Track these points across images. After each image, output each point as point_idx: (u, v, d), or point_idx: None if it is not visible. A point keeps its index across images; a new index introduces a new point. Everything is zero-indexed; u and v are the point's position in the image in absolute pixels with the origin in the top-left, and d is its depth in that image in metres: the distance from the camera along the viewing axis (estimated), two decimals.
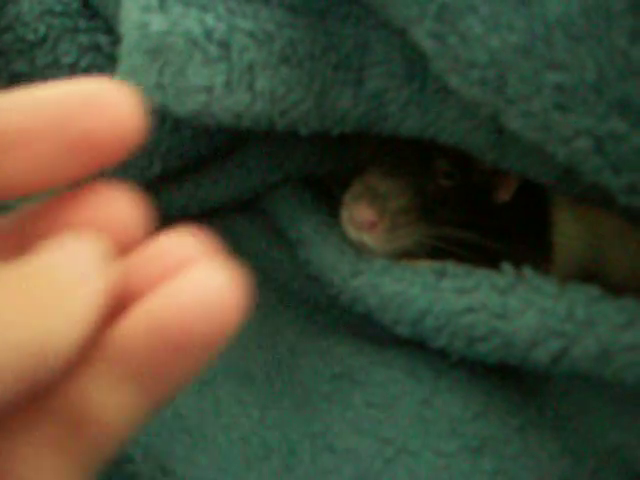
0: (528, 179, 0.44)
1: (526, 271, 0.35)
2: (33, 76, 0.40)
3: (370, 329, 0.43)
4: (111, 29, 0.40)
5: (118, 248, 0.21)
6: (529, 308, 0.33)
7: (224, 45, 0.33)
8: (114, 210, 0.21)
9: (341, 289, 0.40)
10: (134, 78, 0.34)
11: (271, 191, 0.48)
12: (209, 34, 0.33)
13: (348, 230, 0.41)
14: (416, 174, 0.42)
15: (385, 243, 0.39)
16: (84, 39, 0.40)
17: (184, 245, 0.21)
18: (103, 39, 0.40)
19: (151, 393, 0.19)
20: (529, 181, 0.44)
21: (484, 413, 0.36)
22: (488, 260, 0.39)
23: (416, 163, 0.42)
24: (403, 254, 0.41)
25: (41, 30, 0.39)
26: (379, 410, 0.37)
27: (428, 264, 0.38)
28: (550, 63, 0.30)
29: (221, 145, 0.46)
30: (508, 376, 0.38)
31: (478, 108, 0.35)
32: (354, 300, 0.39)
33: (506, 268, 0.35)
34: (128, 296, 0.20)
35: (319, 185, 0.49)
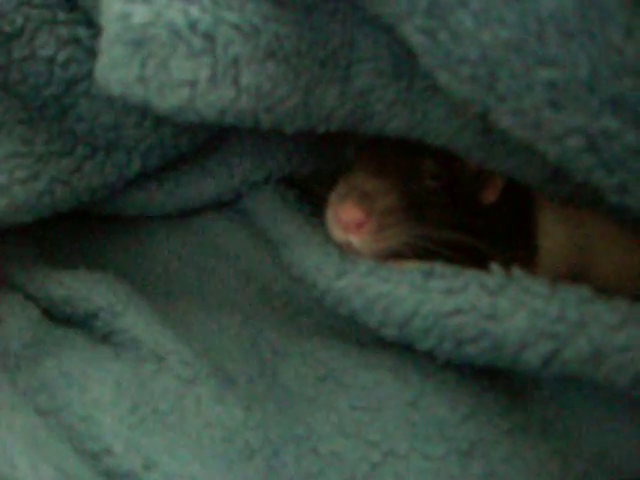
0: (514, 180, 0.44)
1: (515, 272, 0.34)
2: (9, 69, 0.39)
3: (354, 331, 0.42)
4: (91, 22, 0.39)
5: None
6: (519, 309, 0.32)
7: (209, 37, 0.32)
8: None
9: (325, 291, 0.39)
10: (114, 72, 0.32)
11: (252, 190, 0.47)
12: (193, 26, 0.32)
13: (333, 231, 0.40)
14: (403, 175, 0.41)
15: (372, 244, 0.39)
16: (63, 31, 0.39)
17: None
18: (83, 32, 0.39)
19: None
20: (515, 183, 0.44)
21: (472, 416, 0.35)
22: (475, 261, 0.39)
23: (403, 164, 0.42)
24: (389, 255, 0.40)
25: (18, 21, 0.38)
26: (364, 413, 0.37)
27: (415, 265, 0.37)
28: (542, 59, 0.29)
29: (202, 143, 0.45)
30: (496, 378, 0.37)
31: (467, 107, 0.35)
32: (339, 302, 0.38)
33: (495, 268, 0.35)
34: None
35: (301, 185, 0.48)
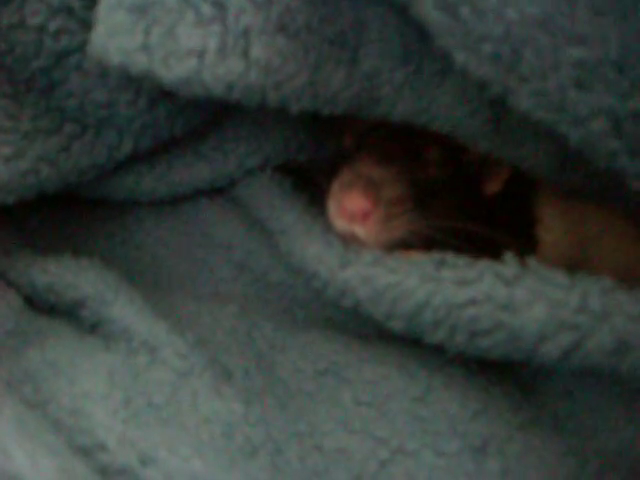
0: (517, 172, 0.43)
1: (531, 261, 0.33)
2: None
3: (354, 324, 0.41)
4: None
5: None
6: (538, 300, 0.31)
7: (219, 5, 0.30)
8: None
9: (328, 281, 0.37)
10: (114, 40, 0.30)
11: (247, 177, 0.45)
12: None
13: (336, 221, 0.38)
14: (408, 163, 0.40)
15: (378, 234, 0.37)
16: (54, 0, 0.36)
17: None
18: (76, 1, 0.36)
19: None
20: (518, 175, 0.43)
21: (483, 411, 0.34)
22: (481, 252, 0.38)
23: (407, 152, 0.40)
24: (394, 245, 0.38)
25: None
26: (370, 408, 0.35)
27: (424, 255, 0.35)
28: (571, 37, 0.28)
29: (197, 126, 0.43)
30: (504, 372, 0.36)
31: (483, 88, 0.33)
32: (342, 293, 0.37)
33: (509, 258, 0.33)
34: None
35: (298, 173, 0.46)
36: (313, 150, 0.45)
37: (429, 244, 0.39)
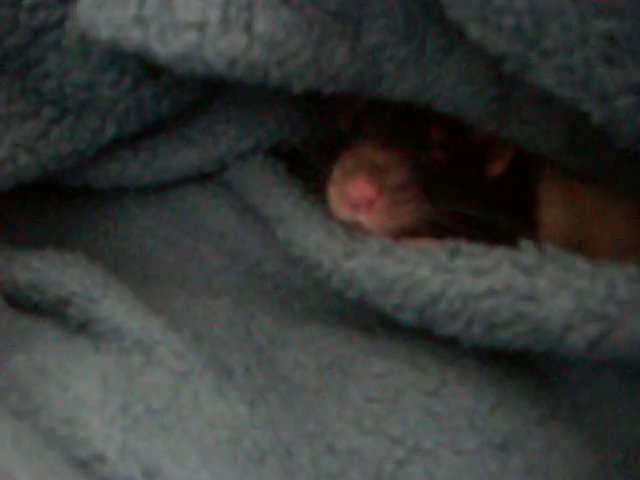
0: (520, 153, 0.41)
1: (549, 249, 0.31)
2: None
3: (357, 314, 0.39)
4: None
5: None
6: (561, 289, 0.29)
7: None
8: None
9: (331, 272, 0.35)
10: (104, 11, 0.28)
11: (238, 161, 0.42)
12: None
13: (339, 209, 0.36)
14: (411, 145, 0.38)
15: (383, 223, 0.35)
16: None
17: None
18: None
19: None
20: (519, 156, 0.42)
21: (500, 405, 0.32)
22: (485, 238, 0.36)
23: (410, 133, 0.38)
24: (400, 233, 0.36)
25: None
26: (381, 405, 0.33)
27: (436, 243, 0.34)
28: (601, 9, 0.26)
29: (184, 107, 0.40)
30: (517, 362, 0.35)
31: (492, 65, 0.32)
32: (348, 284, 0.35)
33: (527, 245, 0.32)
34: None
35: (290, 156, 0.44)
36: (307, 131, 0.43)
37: (436, 230, 0.37)
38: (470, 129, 0.39)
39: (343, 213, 0.36)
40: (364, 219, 0.35)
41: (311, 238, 0.36)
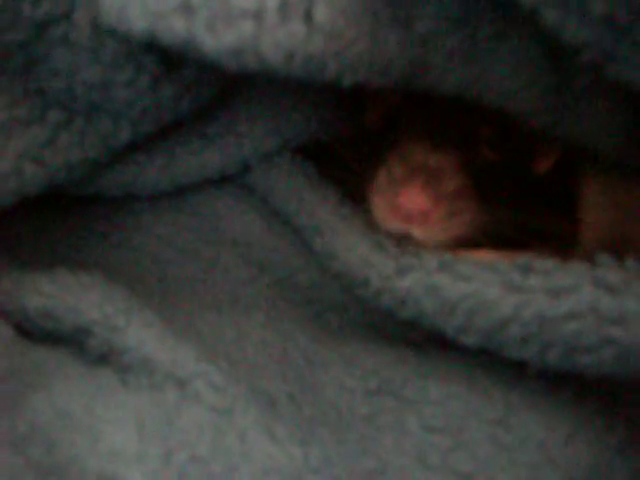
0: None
1: (629, 263, 0.28)
2: None
3: (401, 331, 0.35)
4: None
5: None
6: None
7: None
8: None
9: (381, 290, 0.32)
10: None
11: (262, 162, 0.38)
12: None
13: (386, 219, 0.33)
14: (460, 145, 0.34)
15: (438, 234, 0.32)
16: None
17: None
18: None
19: None
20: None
21: (576, 433, 0.30)
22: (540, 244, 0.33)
23: (458, 131, 0.35)
24: (453, 245, 0.33)
25: None
26: (445, 436, 0.30)
27: (500, 256, 0.30)
28: None
29: (204, 104, 0.36)
30: (589, 384, 0.32)
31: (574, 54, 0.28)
32: (401, 304, 0.31)
33: (607, 260, 0.28)
34: None
35: (317, 155, 0.40)
36: (336, 128, 0.39)
37: (488, 238, 0.34)
38: (518, 125, 0.36)
39: (392, 224, 0.32)
40: (418, 231, 0.32)
41: (355, 251, 0.33)
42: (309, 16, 0.25)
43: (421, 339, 0.34)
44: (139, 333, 0.31)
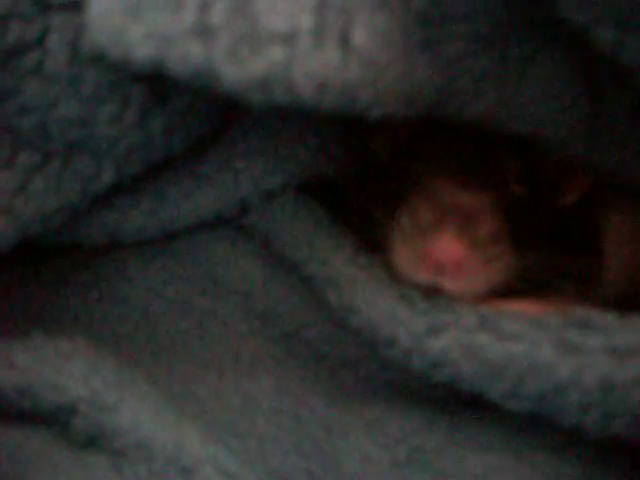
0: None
1: None
2: None
3: (422, 388, 0.31)
4: None
5: None
6: None
7: None
8: None
9: (411, 350, 0.28)
10: (139, 20, 0.19)
11: (262, 203, 0.34)
12: None
13: (412, 271, 0.29)
14: (490, 183, 0.31)
15: (473, 285, 0.28)
16: None
17: None
18: None
19: None
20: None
21: None
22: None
23: (484, 167, 0.31)
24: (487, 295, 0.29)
25: None
26: None
27: (548, 309, 0.27)
28: None
29: (197, 140, 0.32)
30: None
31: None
32: (434, 366, 0.27)
33: None
34: None
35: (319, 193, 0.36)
36: (342, 163, 0.35)
37: (525, 285, 0.30)
38: (542, 157, 0.33)
39: (421, 276, 0.28)
40: (451, 284, 0.28)
41: (379, 305, 0.29)
42: (345, 40, 0.21)
43: (450, 398, 0.30)
44: (133, 411, 0.27)
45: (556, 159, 0.33)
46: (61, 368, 0.27)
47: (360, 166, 0.35)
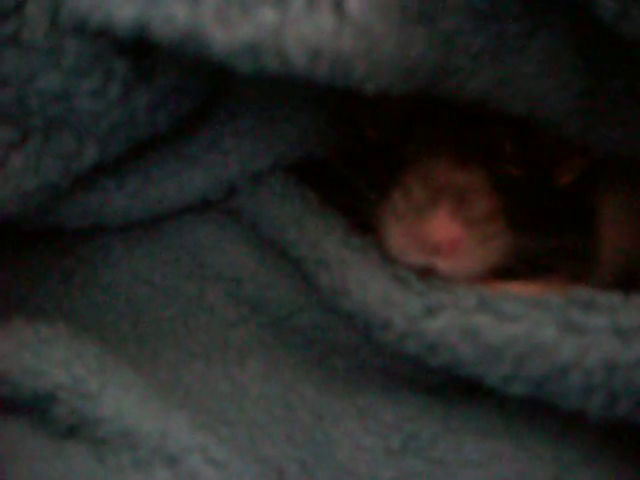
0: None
1: None
2: None
3: (416, 373, 0.30)
4: None
5: None
6: None
7: None
8: None
9: (406, 333, 0.27)
10: None
11: (250, 185, 0.33)
12: None
13: (405, 251, 0.28)
14: (486, 162, 0.30)
15: (468, 266, 0.27)
16: None
17: None
18: None
19: None
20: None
21: None
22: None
23: (479, 146, 0.30)
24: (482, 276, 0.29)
25: None
26: None
27: (549, 288, 0.26)
28: None
29: (183, 118, 0.30)
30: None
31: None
32: (431, 349, 0.26)
33: None
34: None
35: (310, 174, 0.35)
36: (335, 142, 0.34)
37: (523, 266, 0.29)
38: (540, 135, 0.32)
39: (414, 257, 0.27)
40: (446, 264, 0.27)
41: (372, 287, 0.28)
42: (339, 6, 0.20)
43: (446, 384, 0.29)
44: (116, 398, 0.26)
45: (553, 138, 0.32)
46: (41, 353, 0.26)
47: (352, 146, 0.34)
